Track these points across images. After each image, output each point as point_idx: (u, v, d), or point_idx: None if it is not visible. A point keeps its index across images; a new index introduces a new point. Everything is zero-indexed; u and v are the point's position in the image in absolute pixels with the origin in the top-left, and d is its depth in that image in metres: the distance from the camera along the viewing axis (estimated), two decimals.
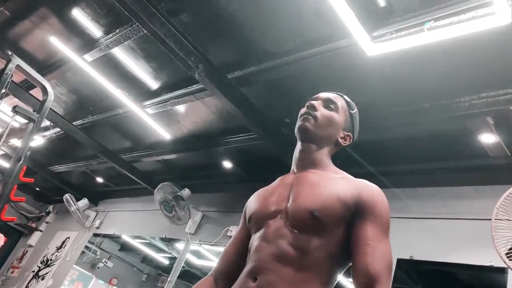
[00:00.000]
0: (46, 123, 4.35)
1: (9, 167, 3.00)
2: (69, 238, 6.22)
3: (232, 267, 1.26)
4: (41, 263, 6.28)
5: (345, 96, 1.38)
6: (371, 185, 1.18)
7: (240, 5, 2.52)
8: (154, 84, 3.59)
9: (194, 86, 3.28)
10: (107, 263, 6.67)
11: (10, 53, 3.13)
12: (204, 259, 5.38)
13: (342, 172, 1.26)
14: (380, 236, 1.07)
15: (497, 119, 2.44)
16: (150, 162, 4.87)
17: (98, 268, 6.63)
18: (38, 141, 5.04)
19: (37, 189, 7.24)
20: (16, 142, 4.12)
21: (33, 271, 6.26)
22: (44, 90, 3.33)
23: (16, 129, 4.18)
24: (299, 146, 1.31)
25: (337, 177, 1.22)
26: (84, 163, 5.53)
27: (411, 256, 2.79)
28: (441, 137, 2.81)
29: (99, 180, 6.07)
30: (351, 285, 1.07)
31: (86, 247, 6.10)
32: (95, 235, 6.03)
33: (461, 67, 2.28)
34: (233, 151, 3.99)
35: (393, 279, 1.94)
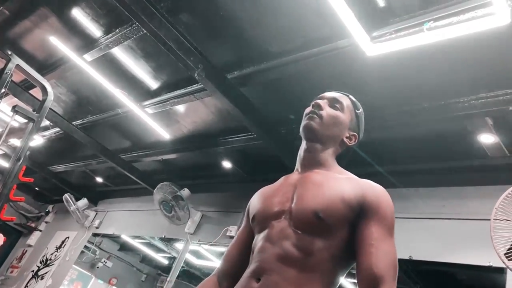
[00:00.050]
0: (45, 122, 4.35)
1: (8, 167, 3.00)
2: (68, 238, 6.22)
3: (236, 267, 1.25)
4: (40, 262, 6.28)
5: (350, 95, 1.37)
6: (375, 185, 1.18)
7: (240, 5, 2.53)
8: (153, 84, 3.59)
9: (193, 86, 3.29)
10: (106, 263, 6.68)
11: (9, 52, 3.13)
12: (204, 259, 5.39)
13: (347, 172, 1.25)
14: (385, 236, 1.07)
15: (496, 120, 2.44)
16: (150, 162, 4.87)
17: (98, 268, 6.64)
18: (37, 140, 5.04)
19: (37, 188, 7.24)
20: (15, 142, 4.12)
21: (33, 270, 6.25)
22: (44, 90, 3.33)
23: (15, 129, 4.18)
24: (304, 145, 1.29)
25: (341, 177, 1.21)
26: (84, 163, 5.52)
27: (410, 256, 2.80)
28: (440, 137, 2.82)
29: (98, 180, 6.06)
30: (350, 285, 1.07)
31: (86, 247, 6.11)
32: (94, 235, 6.02)
33: (461, 68, 2.28)
34: (232, 151, 3.99)
35: None
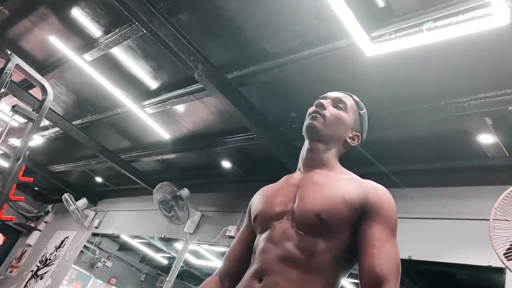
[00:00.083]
0: (45, 122, 4.36)
1: (8, 167, 3.00)
2: (68, 237, 6.22)
3: (237, 266, 1.25)
4: (40, 262, 6.28)
5: (354, 95, 1.36)
6: (377, 186, 1.17)
7: (239, 5, 2.53)
8: (153, 84, 3.60)
9: (193, 86, 3.29)
10: (106, 262, 6.67)
11: (9, 52, 3.13)
12: (203, 259, 5.39)
13: (349, 173, 1.25)
14: (387, 237, 1.06)
15: (495, 120, 2.45)
16: (149, 161, 4.88)
17: (97, 267, 6.64)
18: (37, 140, 5.04)
19: (36, 188, 7.23)
20: (15, 142, 4.11)
21: (32, 270, 6.25)
22: (44, 90, 3.32)
23: (15, 129, 4.17)
24: (306, 144, 1.28)
25: (343, 178, 1.20)
26: (83, 163, 5.52)
27: (409, 256, 2.80)
28: (439, 138, 2.82)
29: (98, 179, 6.06)
30: (351, 285, 1.07)
31: (85, 246, 6.11)
32: (94, 234, 6.02)
33: (460, 68, 2.28)
34: (232, 151, 3.99)
35: None
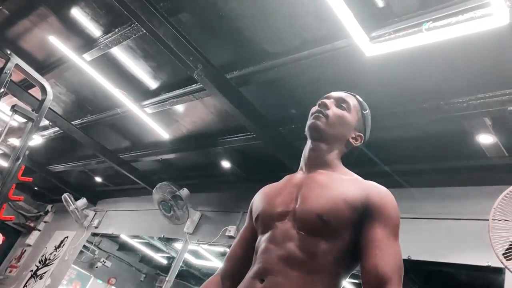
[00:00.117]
0: (45, 122, 4.35)
1: (7, 166, 3.00)
2: (67, 237, 6.22)
3: (239, 266, 1.25)
4: (39, 262, 6.28)
5: (357, 95, 1.35)
6: (379, 187, 1.17)
7: (239, 5, 2.53)
8: (153, 84, 3.60)
9: (193, 86, 3.29)
10: (105, 262, 6.67)
11: (9, 52, 3.13)
12: (202, 259, 5.39)
13: (351, 173, 1.24)
14: (390, 238, 1.06)
15: (494, 120, 2.45)
16: (149, 161, 4.87)
17: (96, 267, 6.64)
18: (36, 140, 5.04)
19: (36, 188, 7.23)
20: (14, 141, 4.11)
21: (31, 270, 6.26)
22: (43, 90, 3.33)
23: (14, 128, 4.16)
24: (309, 144, 1.28)
25: (346, 178, 1.20)
26: (83, 163, 5.52)
27: (408, 256, 2.80)
28: (438, 138, 2.82)
29: (97, 179, 6.06)
30: (352, 286, 1.07)
31: (85, 246, 6.11)
32: (93, 234, 6.03)
33: (459, 68, 2.29)
34: (231, 151, 3.99)
35: None
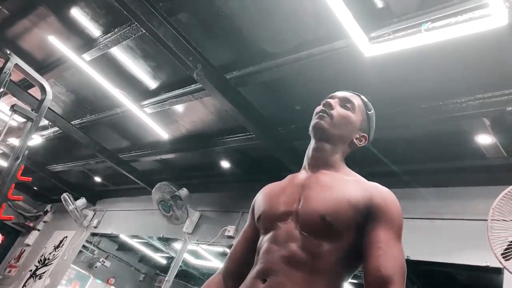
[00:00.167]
0: (44, 122, 4.35)
1: (7, 166, 3.01)
2: (66, 237, 6.22)
3: (241, 265, 1.25)
4: (38, 262, 6.28)
5: (362, 96, 1.35)
6: (383, 188, 1.16)
7: (238, 5, 2.53)
8: (152, 84, 3.60)
9: (192, 85, 3.29)
10: (104, 262, 6.67)
11: (8, 52, 3.13)
12: (202, 259, 5.39)
13: (355, 174, 1.24)
14: (393, 239, 1.06)
15: (493, 120, 2.45)
16: (148, 161, 4.88)
17: (96, 267, 6.63)
18: (36, 140, 5.04)
19: (35, 188, 7.23)
20: (14, 141, 4.11)
21: (31, 270, 6.26)
22: (43, 89, 3.33)
23: (14, 128, 4.17)
24: (312, 144, 1.27)
25: (349, 179, 1.19)
26: (82, 163, 5.52)
27: (408, 257, 2.80)
28: (437, 138, 2.82)
29: (97, 179, 6.06)
30: (350, 286, 1.07)
31: (84, 246, 6.10)
32: (92, 234, 6.03)
33: (458, 68, 2.29)
34: (231, 151, 3.99)
35: None
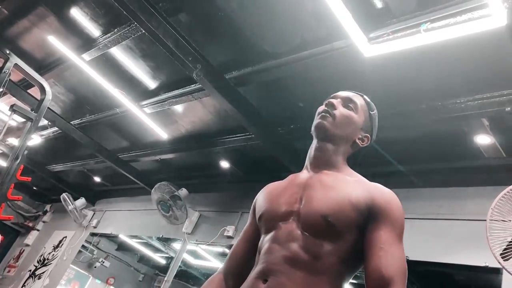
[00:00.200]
0: (43, 122, 4.35)
1: (6, 166, 3.01)
2: (66, 237, 6.21)
3: (242, 264, 1.24)
4: (37, 262, 6.27)
5: (365, 96, 1.34)
6: (384, 189, 1.16)
7: (238, 5, 2.54)
8: (152, 84, 3.60)
9: (192, 86, 3.29)
10: (104, 262, 6.66)
11: (8, 51, 3.13)
12: (201, 259, 5.39)
13: (356, 174, 1.24)
14: (394, 240, 1.06)
15: (492, 121, 2.46)
16: (148, 161, 4.88)
17: (95, 267, 6.63)
18: (35, 140, 5.04)
19: (34, 188, 7.23)
20: (13, 141, 4.12)
21: (30, 270, 6.25)
22: (42, 89, 3.33)
23: (13, 128, 4.17)
24: (315, 144, 1.26)
25: (351, 179, 1.19)
26: (82, 163, 5.52)
27: (407, 257, 2.78)
28: (436, 138, 2.83)
29: (96, 179, 6.06)
30: (350, 286, 1.07)
31: (83, 246, 6.10)
32: (92, 234, 6.03)
33: (457, 69, 2.29)
34: (230, 151, 3.99)
35: None
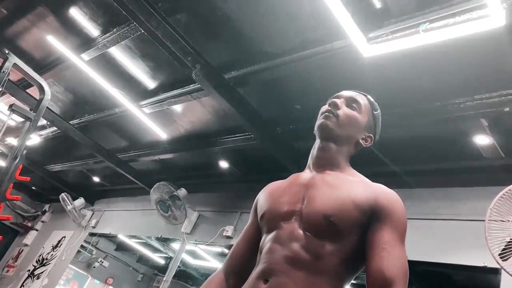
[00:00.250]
0: (42, 122, 4.35)
1: (5, 166, 3.00)
2: (65, 237, 6.21)
3: (242, 263, 1.24)
4: (36, 262, 6.27)
5: (368, 95, 1.34)
6: (388, 190, 1.16)
7: (237, 5, 2.54)
8: (151, 84, 3.60)
9: (191, 85, 3.29)
10: (103, 262, 6.66)
11: (7, 51, 3.13)
12: (200, 259, 5.39)
13: (359, 175, 1.23)
14: (397, 241, 1.05)
15: (491, 121, 2.46)
16: (147, 161, 4.87)
17: (94, 267, 6.62)
18: (34, 140, 5.04)
19: (33, 188, 7.22)
20: (12, 141, 4.12)
21: (29, 270, 6.24)
22: (41, 89, 3.33)
23: (12, 128, 4.17)
24: (317, 143, 1.26)
25: (353, 180, 1.18)
26: (81, 162, 5.52)
27: None
28: (435, 139, 2.83)
29: (95, 179, 6.06)
30: (350, 286, 1.07)
31: (82, 246, 6.10)
32: (91, 234, 6.02)
33: (456, 69, 2.29)
34: (229, 151, 3.99)
35: None
